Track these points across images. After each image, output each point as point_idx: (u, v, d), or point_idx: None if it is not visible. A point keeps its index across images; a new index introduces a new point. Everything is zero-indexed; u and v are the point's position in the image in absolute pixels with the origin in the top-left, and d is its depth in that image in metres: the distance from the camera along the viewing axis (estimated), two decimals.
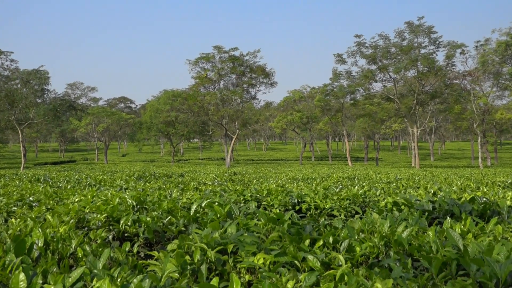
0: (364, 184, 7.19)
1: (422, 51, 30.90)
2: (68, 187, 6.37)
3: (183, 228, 2.95)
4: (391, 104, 36.83)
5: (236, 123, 37.58)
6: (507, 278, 1.86)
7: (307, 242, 2.28)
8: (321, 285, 1.78)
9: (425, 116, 48.75)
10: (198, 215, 3.21)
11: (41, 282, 1.77)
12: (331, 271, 1.86)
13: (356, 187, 5.81)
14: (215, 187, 5.96)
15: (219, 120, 36.09)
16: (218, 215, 3.12)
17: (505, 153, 63.92)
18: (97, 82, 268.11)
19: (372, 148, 75.41)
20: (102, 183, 7.24)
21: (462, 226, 2.64)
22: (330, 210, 3.99)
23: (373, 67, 33.00)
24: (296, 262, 2.04)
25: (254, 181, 8.66)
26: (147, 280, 1.72)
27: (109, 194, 4.47)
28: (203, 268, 2.00)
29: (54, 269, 1.98)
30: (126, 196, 3.86)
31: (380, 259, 2.32)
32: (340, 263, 2.04)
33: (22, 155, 31.69)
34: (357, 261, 2.26)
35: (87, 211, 3.41)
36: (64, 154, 65.71)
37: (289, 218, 2.89)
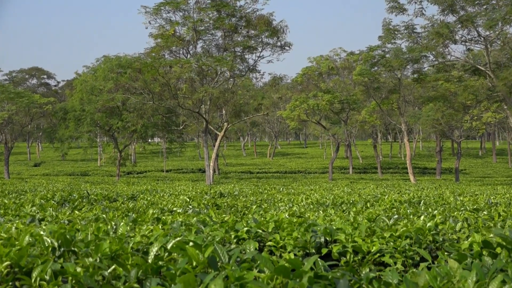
0: (436, 212, 7.21)
1: None
2: None
3: (136, 285, 2.97)
4: (481, 80, 36.90)
5: (224, 112, 37.65)
6: None
7: None
8: None
9: None
10: (161, 263, 3.23)
11: None
12: None
13: (422, 218, 5.83)
14: (189, 218, 5.98)
15: (196, 107, 36.17)
16: (194, 263, 3.14)
17: None
18: None
19: (448, 154, 75.54)
20: (2, 212, 7.26)
21: None
22: (378, 255, 4.01)
23: (451, 18, 33.11)
24: None
25: (254, 207, 8.68)
26: None
27: (13, 228, 4.49)
28: None
29: None
30: (42, 233, 3.87)
31: None
32: None
33: None
34: None
35: None
36: None
37: (311, 268, 2.91)
